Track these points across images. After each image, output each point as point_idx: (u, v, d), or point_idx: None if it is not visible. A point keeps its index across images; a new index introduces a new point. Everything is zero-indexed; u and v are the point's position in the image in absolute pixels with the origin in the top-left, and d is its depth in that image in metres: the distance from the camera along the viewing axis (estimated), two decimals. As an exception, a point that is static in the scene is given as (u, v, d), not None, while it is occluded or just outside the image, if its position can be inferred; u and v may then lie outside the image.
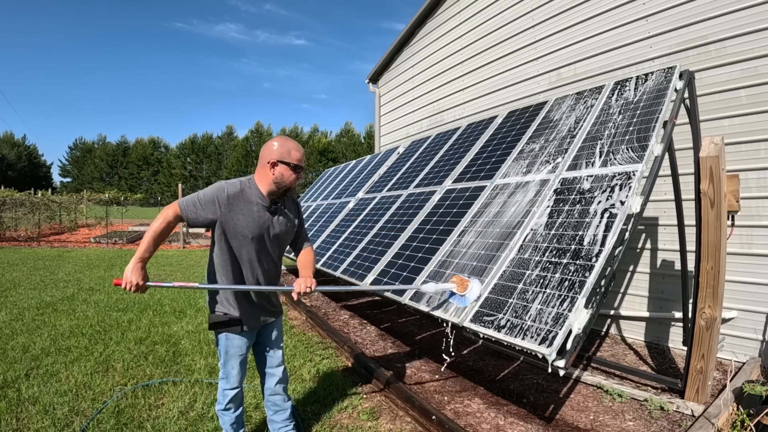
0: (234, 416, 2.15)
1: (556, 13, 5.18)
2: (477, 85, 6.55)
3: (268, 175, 2.02)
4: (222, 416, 2.16)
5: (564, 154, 3.06)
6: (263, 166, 2.03)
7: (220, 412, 2.16)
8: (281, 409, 2.26)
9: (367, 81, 9.91)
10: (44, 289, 6.20)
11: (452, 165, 4.36)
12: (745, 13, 3.54)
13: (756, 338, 3.46)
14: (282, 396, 2.25)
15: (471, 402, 2.90)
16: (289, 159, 2.00)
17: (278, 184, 2.03)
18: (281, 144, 2.01)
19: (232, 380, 2.09)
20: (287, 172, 2.02)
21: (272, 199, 2.07)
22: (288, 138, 2.05)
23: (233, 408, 2.14)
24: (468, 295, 2.49)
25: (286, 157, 2.00)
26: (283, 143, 2.02)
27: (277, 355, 2.23)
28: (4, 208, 13.71)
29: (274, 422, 2.28)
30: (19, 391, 2.89)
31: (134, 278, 1.78)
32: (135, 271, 1.78)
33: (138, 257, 1.80)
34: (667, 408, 2.71)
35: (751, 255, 3.51)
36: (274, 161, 1.99)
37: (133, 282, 1.78)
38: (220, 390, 2.13)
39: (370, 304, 5.73)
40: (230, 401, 2.12)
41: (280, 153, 1.99)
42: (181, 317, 4.85)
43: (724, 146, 2.62)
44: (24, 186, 24.93)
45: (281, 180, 2.02)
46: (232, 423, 2.16)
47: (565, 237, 2.41)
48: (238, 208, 1.98)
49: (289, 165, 2.01)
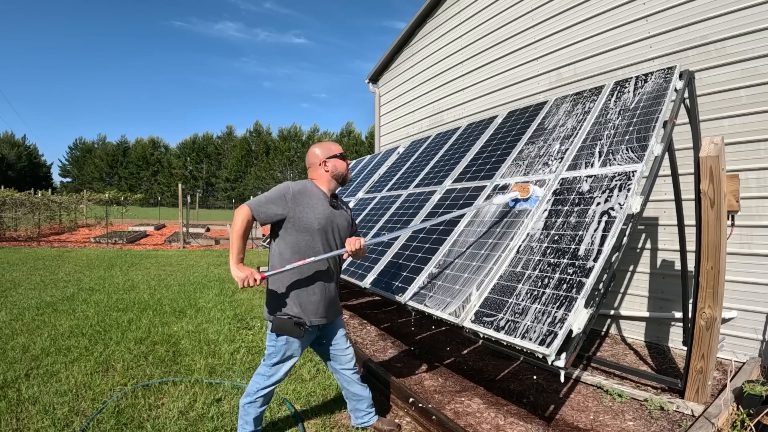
0: (260, 411, 2.24)
1: (556, 13, 5.18)
2: (477, 85, 6.55)
3: (324, 173, 2.27)
4: (247, 409, 2.22)
5: (564, 154, 3.05)
6: (316, 168, 2.28)
7: (247, 405, 2.22)
8: (362, 399, 2.45)
9: (367, 81, 9.91)
10: (44, 289, 6.20)
11: (452, 165, 4.36)
12: (745, 13, 3.54)
13: (756, 338, 3.46)
14: (359, 387, 2.44)
15: (471, 402, 2.90)
16: (336, 152, 2.29)
17: (335, 176, 2.28)
18: (321, 147, 2.31)
19: (276, 378, 2.19)
20: (338, 162, 2.28)
21: (332, 194, 2.30)
22: (322, 142, 2.36)
23: (261, 402, 2.23)
24: (533, 196, 2.74)
25: (331, 152, 2.29)
26: (323, 145, 2.32)
27: (348, 355, 2.39)
28: (4, 208, 13.70)
29: (359, 411, 2.49)
30: (19, 391, 2.89)
31: (245, 273, 1.95)
32: (243, 269, 1.98)
33: (236, 260, 2.01)
34: (667, 408, 2.71)
35: (751, 255, 3.51)
36: (324, 159, 2.26)
37: (250, 277, 1.95)
38: (258, 385, 2.19)
39: (370, 304, 5.73)
40: (263, 396, 2.20)
41: (325, 152, 2.28)
42: (181, 317, 4.85)
43: (724, 146, 2.62)
44: (24, 186, 24.93)
45: (336, 170, 2.27)
46: (255, 416, 2.23)
47: (564, 237, 2.41)
48: (304, 203, 2.15)
49: (337, 156, 2.29)
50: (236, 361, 3.51)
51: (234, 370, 3.34)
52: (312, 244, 2.14)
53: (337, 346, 2.36)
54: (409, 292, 3.02)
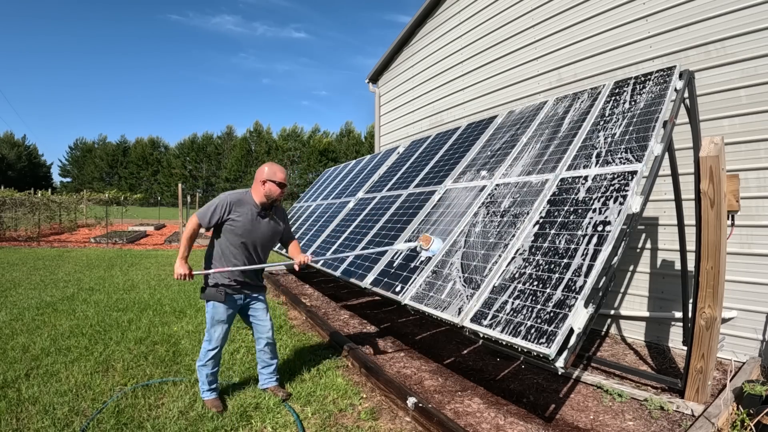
0: (211, 371, 2.75)
1: (556, 13, 5.18)
2: (477, 85, 6.55)
3: (261, 190, 2.76)
4: (200, 371, 2.75)
5: (564, 154, 3.06)
6: (257, 183, 2.77)
7: (199, 367, 2.75)
8: (268, 365, 2.97)
9: (367, 81, 9.91)
10: (44, 289, 6.20)
11: (452, 165, 4.36)
12: (745, 13, 3.54)
13: (756, 338, 3.46)
14: (269, 354, 2.94)
15: (471, 402, 2.90)
16: (275, 178, 2.74)
17: (268, 197, 2.77)
18: (269, 167, 2.77)
19: (213, 342, 2.72)
20: (274, 188, 2.75)
21: (263, 207, 2.79)
22: (274, 163, 2.80)
23: (211, 365, 2.75)
24: (431, 247, 3.04)
25: (273, 176, 2.74)
26: (271, 167, 2.77)
27: (267, 326, 2.89)
28: (4, 208, 13.71)
29: (262, 374, 2.99)
30: (19, 391, 2.89)
31: (183, 271, 2.59)
32: (183, 267, 2.59)
33: (181, 257, 2.60)
34: (667, 408, 2.71)
35: (751, 255, 3.51)
36: (264, 180, 2.74)
37: (182, 273, 2.59)
38: (203, 350, 2.74)
39: (370, 304, 5.73)
40: (210, 359, 2.73)
41: (268, 174, 2.74)
42: (181, 317, 4.85)
43: (724, 146, 2.62)
44: (24, 186, 24.90)
45: (269, 193, 2.76)
46: (207, 375, 2.74)
47: (565, 237, 2.41)
48: (236, 212, 2.71)
49: (275, 182, 2.75)
50: (236, 361, 3.51)
51: (234, 369, 3.34)
52: (238, 245, 2.71)
53: (258, 318, 2.88)
54: (409, 292, 3.02)
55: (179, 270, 2.56)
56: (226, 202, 2.68)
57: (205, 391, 2.77)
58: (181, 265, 2.57)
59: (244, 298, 2.81)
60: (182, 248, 2.60)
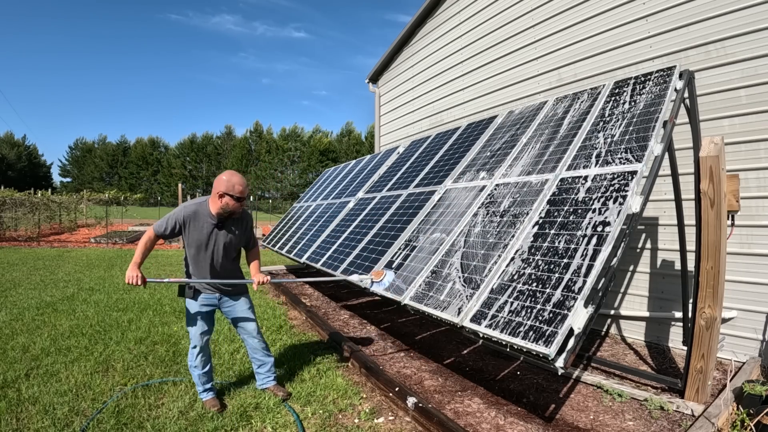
0: (202, 372, 2.74)
1: (556, 13, 5.18)
2: (477, 85, 6.55)
3: (217, 202, 2.63)
4: (192, 372, 2.76)
5: (563, 154, 3.06)
6: (214, 194, 2.63)
7: (191, 368, 2.76)
8: (263, 363, 2.95)
9: (367, 81, 9.91)
10: (44, 289, 6.20)
11: (452, 165, 4.36)
12: (745, 13, 3.54)
13: (756, 338, 3.46)
14: (261, 353, 2.93)
15: (471, 402, 2.90)
16: (233, 192, 2.60)
17: (224, 209, 2.63)
18: (228, 179, 2.60)
19: (193, 340, 2.72)
20: (231, 201, 2.62)
21: (219, 218, 2.68)
22: (235, 173, 2.65)
23: (201, 366, 2.74)
24: (383, 280, 3.30)
25: (230, 190, 2.59)
26: (230, 178, 2.61)
27: (250, 326, 2.88)
28: (4, 208, 13.71)
29: (259, 374, 2.98)
30: (19, 391, 2.89)
31: (134, 273, 2.47)
32: (134, 270, 2.48)
33: (134, 262, 2.52)
34: (667, 408, 2.71)
35: (751, 255, 3.51)
36: (222, 193, 2.59)
37: (135, 278, 2.46)
38: (189, 350, 2.75)
39: (370, 304, 5.73)
40: (197, 358, 2.72)
41: (226, 186, 2.58)
42: (181, 317, 4.85)
43: (724, 146, 2.62)
44: (24, 186, 24.90)
45: (226, 206, 2.62)
46: (199, 375, 2.74)
47: (565, 237, 2.41)
48: (192, 225, 2.66)
49: (233, 197, 2.61)
50: (236, 361, 3.51)
51: (234, 369, 3.34)
52: (200, 252, 2.70)
53: (240, 319, 2.86)
54: (408, 292, 3.02)
55: (130, 273, 2.47)
56: (181, 216, 2.63)
57: (202, 391, 2.77)
58: (131, 269, 2.48)
59: (219, 298, 2.79)
60: (136, 255, 2.55)
